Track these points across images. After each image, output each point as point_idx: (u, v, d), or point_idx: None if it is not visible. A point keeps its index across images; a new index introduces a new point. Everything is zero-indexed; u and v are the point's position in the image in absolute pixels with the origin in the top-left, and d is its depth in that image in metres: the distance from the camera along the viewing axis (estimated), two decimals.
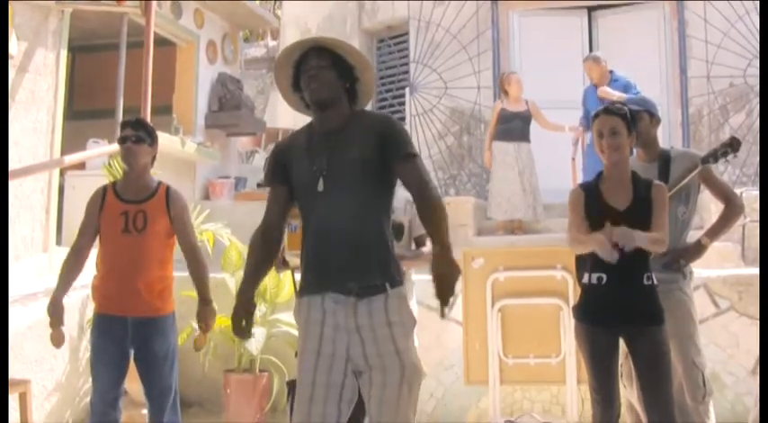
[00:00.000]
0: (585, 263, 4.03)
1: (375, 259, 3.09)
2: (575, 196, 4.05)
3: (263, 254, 3.31)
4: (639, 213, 3.87)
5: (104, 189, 4.59)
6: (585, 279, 3.96)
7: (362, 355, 3.04)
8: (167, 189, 4.58)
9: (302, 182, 3.19)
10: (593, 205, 3.96)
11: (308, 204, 3.19)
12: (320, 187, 3.11)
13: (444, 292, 2.88)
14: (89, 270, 4.63)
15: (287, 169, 3.26)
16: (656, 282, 3.90)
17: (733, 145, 4.36)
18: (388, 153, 3.12)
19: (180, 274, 4.66)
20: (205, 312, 4.59)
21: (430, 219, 3.04)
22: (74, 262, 4.52)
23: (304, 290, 3.19)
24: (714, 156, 4.36)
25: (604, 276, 3.88)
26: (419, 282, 6.18)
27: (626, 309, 3.83)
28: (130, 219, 4.41)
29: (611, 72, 8.64)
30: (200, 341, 4.77)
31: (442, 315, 3.00)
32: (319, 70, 3.17)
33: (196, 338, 4.77)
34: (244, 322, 3.20)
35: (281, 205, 3.31)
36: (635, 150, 4.42)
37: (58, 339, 4.47)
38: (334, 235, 3.08)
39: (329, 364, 3.04)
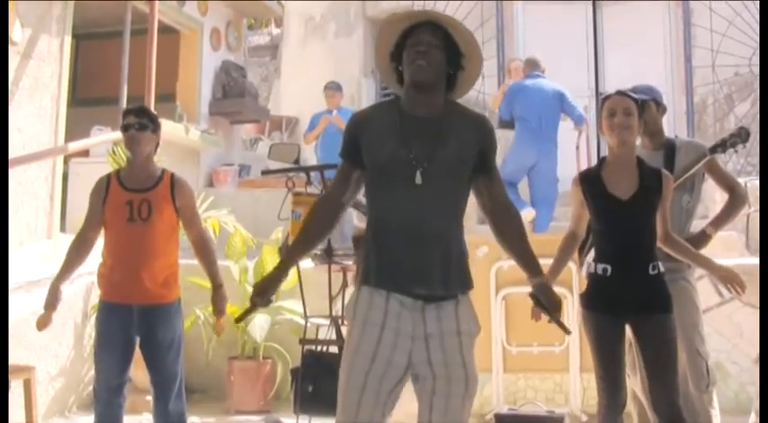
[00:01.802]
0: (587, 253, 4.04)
1: (455, 267, 2.95)
2: (575, 186, 4.02)
3: (318, 227, 3.12)
4: (644, 202, 3.82)
5: (108, 178, 4.57)
6: (591, 269, 3.93)
7: (427, 362, 2.88)
8: (172, 177, 4.55)
9: (390, 168, 2.91)
10: (594, 195, 3.90)
11: (394, 193, 2.92)
12: (418, 179, 2.86)
13: (559, 314, 3.09)
14: (94, 257, 4.63)
15: (363, 147, 2.98)
16: (662, 270, 3.86)
17: (742, 135, 4.33)
18: (480, 159, 2.97)
19: (185, 262, 4.66)
20: (218, 296, 4.57)
21: (516, 239, 3.10)
22: (79, 249, 4.51)
23: (368, 280, 2.95)
24: (723, 146, 4.34)
25: (609, 267, 3.84)
26: None
27: (632, 298, 3.79)
28: (135, 207, 4.40)
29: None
30: (219, 327, 4.72)
31: (568, 332, 3.20)
32: (430, 48, 2.90)
33: (215, 325, 4.77)
34: (259, 298, 3.04)
35: (349, 182, 3.08)
36: (639, 139, 4.41)
37: (43, 322, 4.41)
38: (419, 234, 2.88)
39: (383, 370, 2.85)
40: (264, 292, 3.05)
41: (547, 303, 3.05)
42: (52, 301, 4.43)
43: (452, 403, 2.89)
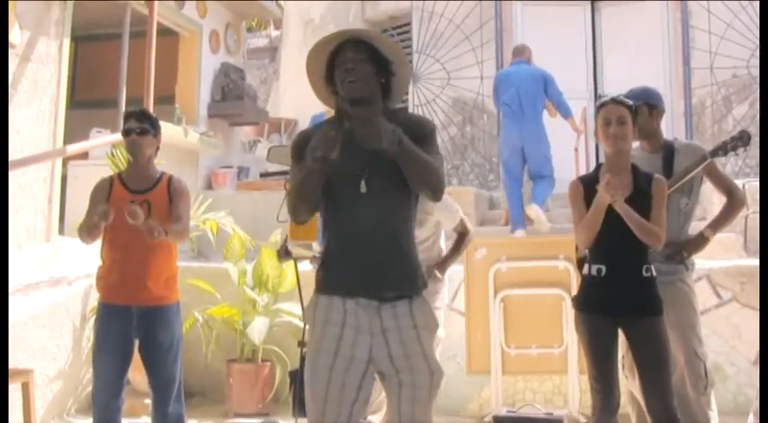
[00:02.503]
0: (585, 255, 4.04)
1: (407, 267, 3.05)
2: (573, 190, 4.05)
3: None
4: (638, 205, 3.86)
5: (111, 179, 4.61)
6: (585, 270, 3.98)
7: (388, 357, 2.98)
8: (170, 179, 4.60)
9: (336, 180, 3.01)
10: (592, 197, 3.93)
11: (343, 203, 3.04)
12: (362, 188, 2.98)
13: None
14: (93, 260, 4.63)
15: None
16: (655, 273, 3.90)
17: (743, 138, 4.33)
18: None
19: (183, 264, 4.66)
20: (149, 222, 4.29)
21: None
22: (88, 229, 4.41)
23: (324, 288, 3.08)
24: (724, 149, 4.34)
25: (603, 268, 3.89)
26: None
27: (624, 300, 3.83)
28: None
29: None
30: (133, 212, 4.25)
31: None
32: (356, 64, 2.99)
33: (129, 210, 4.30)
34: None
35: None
36: (638, 142, 4.42)
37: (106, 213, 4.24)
38: (370, 240, 2.99)
39: (346, 365, 2.95)
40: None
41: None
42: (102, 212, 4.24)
43: (419, 394, 2.98)
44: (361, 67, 3.00)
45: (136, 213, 4.17)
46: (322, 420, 2.96)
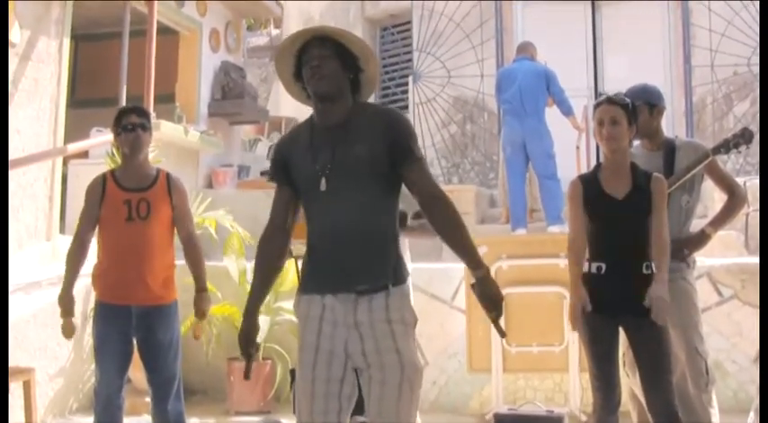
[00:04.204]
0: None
1: (379, 261, 3.01)
2: (572, 189, 4.06)
3: (269, 267, 3.22)
4: (638, 202, 3.88)
5: (104, 177, 4.55)
6: (585, 268, 3.97)
7: (361, 352, 2.96)
8: (168, 176, 4.58)
9: (304, 180, 3.08)
10: (592, 195, 3.96)
11: (311, 204, 3.09)
12: (322, 186, 3.00)
13: (498, 312, 2.98)
14: (91, 259, 4.63)
15: (288, 167, 3.14)
16: (655, 271, 3.89)
17: (745, 136, 4.32)
18: (396, 152, 3.00)
19: (182, 263, 4.66)
20: (201, 299, 4.60)
21: (449, 229, 2.99)
22: (79, 251, 4.50)
23: (304, 288, 3.12)
24: (726, 146, 4.34)
25: (603, 266, 3.90)
26: (424, 270, 6.21)
27: (625, 298, 3.84)
28: (134, 207, 4.40)
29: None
30: (198, 329, 4.78)
31: (503, 335, 3.10)
32: (321, 61, 3.01)
33: (194, 327, 4.78)
34: (249, 347, 3.19)
35: (286, 205, 3.20)
36: (639, 140, 4.41)
37: (68, 330, 4.46)
38: (338, 236, 2.99)
39: (328, 359, 2.97)
40: (249, 343, 3.22)
41: (483, 299, 2.99)
42: (68, 308, 4.44)
43: (387, 391, 2.94)
44: (326, 64, 3.02)
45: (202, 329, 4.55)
46: (311, 416, 2.97)
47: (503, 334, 3.08)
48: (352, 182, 2.99)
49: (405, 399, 2.95)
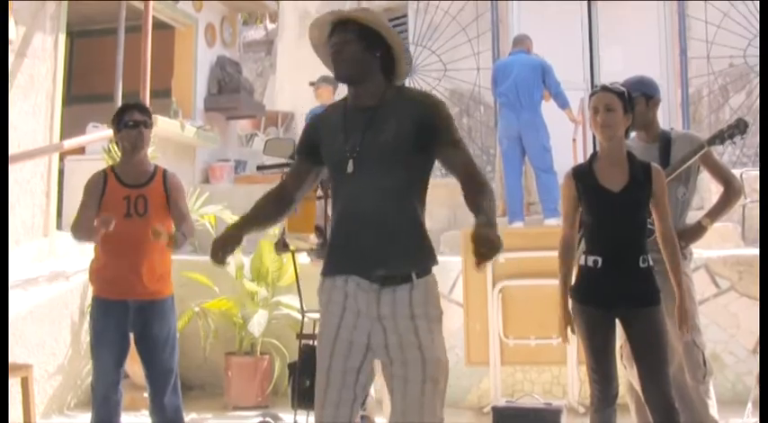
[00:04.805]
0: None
1: (402, 247, 2.95)
2: (566, 181, 4.03)
3: (269, 207, 3.22)
4: (635, 195, 3.85)
5: (104, 173, 4.58)
6: (582, 261, 3.95)
7: (384, 346, 2.93)
8: (164, 172, 4.60)
9: (333, 161, 3.07)
10: (586, 188, 3.93)
11: (338, 185, 3.09)
12: (349, 168, 2.97)
13: (486, 250, 2.63)
14: (90, 255, 4.63)
15: (316, 145, 3.13)
16: (652, 263, 3.88)
17: (740, 126, 4.32)
18: (429, 136, 2.96)
19: (179, 257, 4.67)
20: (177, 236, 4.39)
21: (480, 204, 2.83)
22: (83, 230, 4.47)
23: (327, 270, 3.08)
24: (721, 137, 4.33)
25: (600, 259, 3.86)
26: None
27: (621, 291, 3.82)
28: (132, 203, 4.42)
29: None
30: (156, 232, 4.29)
31: (477, 265, 2.67)
32: (342, 46, 3.02)
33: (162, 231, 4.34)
34: (220, 253, 3.06)
35: (299, 176, 3.23)
36: (635, 132, 4.41)
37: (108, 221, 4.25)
38: (360, 218, 2.96)
39: (347, 350, 2.96)
40: (217, 257, 3.08)
41: (479, 242, 2.65)
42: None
43: (410, 388, 2.90)
44: (346, 48, 3.02)
45: (158, 233, 4.21)
46: (323, 407, 2.98)
47: (477, 265, 2.68)
48: (379, 166, 2.96)
49: (428, 396, 2.90)
